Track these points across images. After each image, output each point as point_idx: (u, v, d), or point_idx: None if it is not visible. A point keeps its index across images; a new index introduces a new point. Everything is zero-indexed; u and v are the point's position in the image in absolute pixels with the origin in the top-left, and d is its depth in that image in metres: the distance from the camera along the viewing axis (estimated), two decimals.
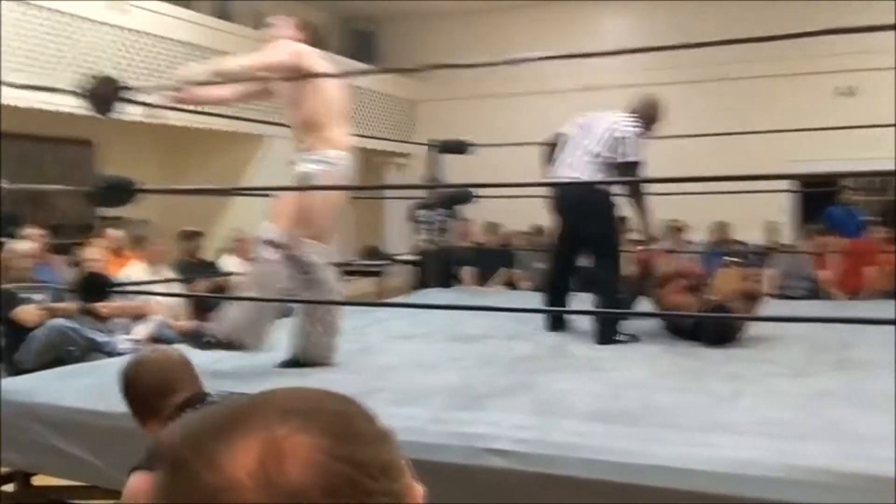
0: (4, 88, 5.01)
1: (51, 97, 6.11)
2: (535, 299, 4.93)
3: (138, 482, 1.77)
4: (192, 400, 1.97)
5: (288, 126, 3.81)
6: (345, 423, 0.63)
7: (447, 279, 7.36)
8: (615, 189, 4.51)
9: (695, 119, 8.92)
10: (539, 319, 4.70)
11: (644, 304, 4.75)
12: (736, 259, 6.81)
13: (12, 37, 6.30)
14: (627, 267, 4.82)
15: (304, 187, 3.48)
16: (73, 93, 3.37)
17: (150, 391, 2.00)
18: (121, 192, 3.01)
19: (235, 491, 0.58)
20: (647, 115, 4.49)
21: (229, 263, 6.71)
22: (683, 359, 3.82)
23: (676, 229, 7.86)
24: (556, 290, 4.67)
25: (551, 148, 4.64)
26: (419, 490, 0.67)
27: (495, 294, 6.89)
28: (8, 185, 3.21)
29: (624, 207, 4.64)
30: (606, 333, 4.20)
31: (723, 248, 7.29)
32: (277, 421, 0.61)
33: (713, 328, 4.07)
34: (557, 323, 4.61)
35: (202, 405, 1.93)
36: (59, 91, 3.83)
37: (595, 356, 3.90)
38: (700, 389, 3.13)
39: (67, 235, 7.76)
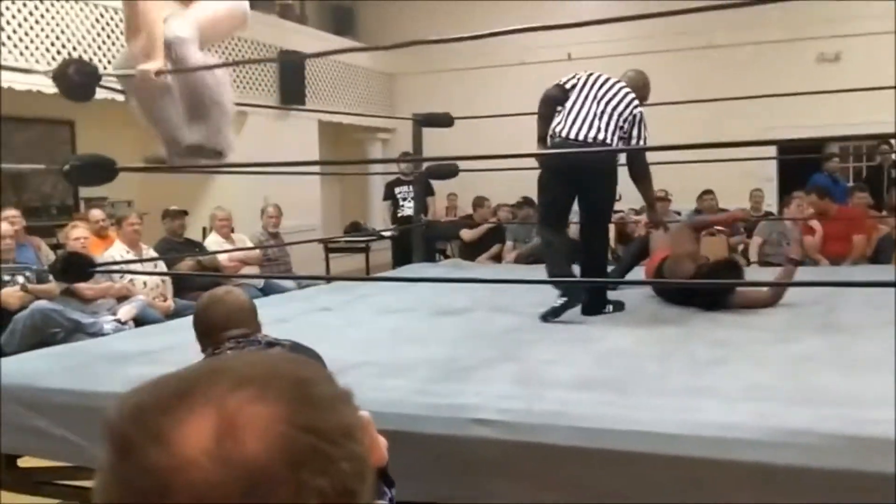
0: None
1: (27, 77, 6.04)
2: (521, 271, 4.92)
3: None
4: (239, 337, 2.23)
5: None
6: (302, 389, 0.59)
7: (431, 254, 7.35)
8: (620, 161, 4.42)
9: (677, 88, 8.90)
10: (524, 291, 4.67)
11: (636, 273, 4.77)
12: (721, 228, 6.84)
13: None
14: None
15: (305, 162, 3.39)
16: (49, 76, 3.30)
17: (210, 324, 2.31)
18: (100, 169, 2.96)
19: (190, 470, 0.53)
20: (641, 93, 4.40)
21: (212, 242, 6.67)
22: (670, 325, 3.82)
23: (663, 199, 7.85)
24: (565, 259, 4.30)
25: (552, 102, 4.31)
26: (383, 443, 0.65)
27: (481, 267, 6.87)
28: None
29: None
30: (594, 305, 4.15)
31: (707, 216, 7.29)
32: (230, 391, 0.56)
33: (707, 292, 4.10)
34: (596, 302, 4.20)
35: (246, 344, 2.20)
36: (34, 72, 3.76)
37: (581, 326, 3.90)
38: (686, 355, 3.14)
39: (49, 217, 7.69)
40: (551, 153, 4.27)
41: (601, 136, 4.11)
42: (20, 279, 4.96)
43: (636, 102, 4.25)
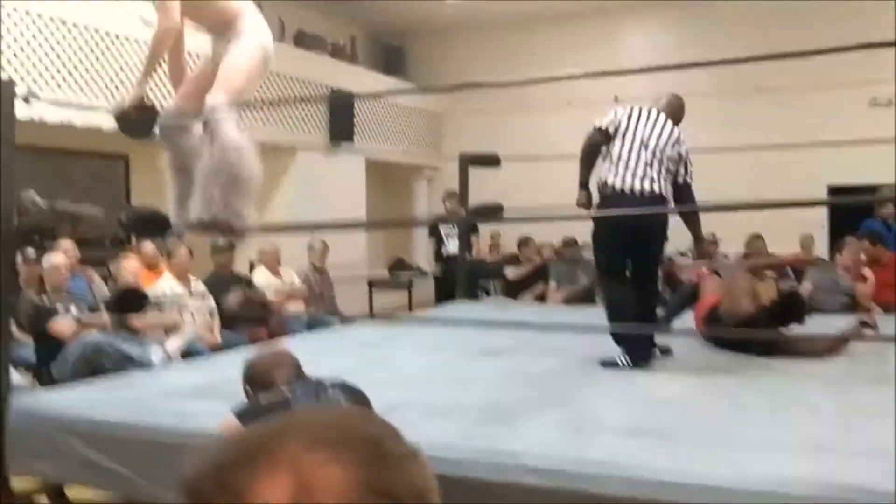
0: (37, 104, 5.07)
1: (87, 113, 6.21)
2: (567, 313, 4.88)
3: (227, 423, 2.33)
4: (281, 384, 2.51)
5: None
6: (376, 449, 0.60)
7: (474, 292, 7.34)
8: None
9: (725, 129, 8.86)
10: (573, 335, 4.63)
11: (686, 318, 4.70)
12: (772, 272, 6.72)
13: (47, 53, 6.41)
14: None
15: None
16: (109, 113, 3.40)
17: (260, 376, 2.59)
18: (155, 224, 3.04)
19: None
20: (677, 118, 4.30)
21: (260, 276, 6.75)
22: (721, 373, 3.76)
23: (710, 242, 7.76)
24: (628, 314, 4.04)
25: (595, 149, 4.16)
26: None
27: (526, 307, 6.84)
28: (42, 201, 3.21)
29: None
30: (642, 350, 4.00)
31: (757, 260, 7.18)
32: (306, 450, 0.57)
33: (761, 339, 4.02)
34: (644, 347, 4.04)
35: (295, 383, 2.49)
36: (95, 109, 3.87)
37: (629, 371, 3.85)
38: (738, 404, 3.08)
39: (103, 248, 7.87)
40: (609, 213, 4.11)
41: (656, 188, 4.03)
42: (73, 310, 5.07)
43: (681, 138, 4.19)
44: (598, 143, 4.15)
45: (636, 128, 4.09)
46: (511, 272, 7.98)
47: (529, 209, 4.85)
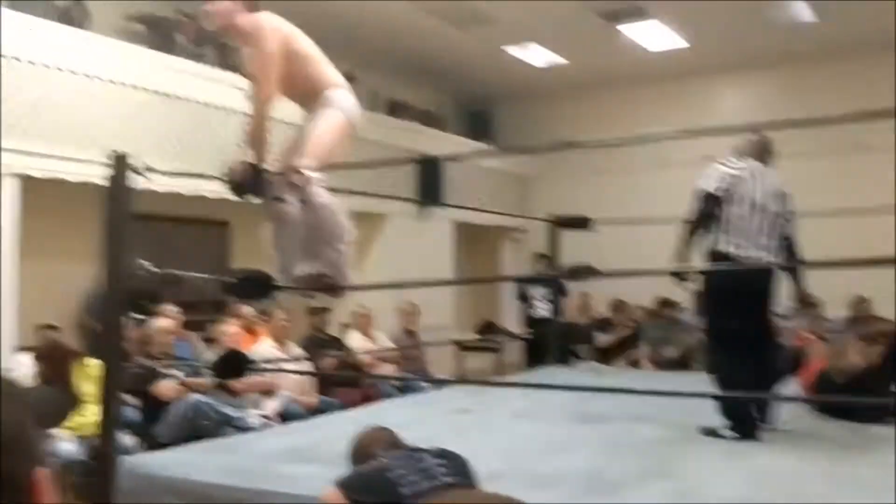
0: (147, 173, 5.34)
1: (192, 181, 6.50)
2: (663, 378, 4.77)
3: (331, 494, 2.42)
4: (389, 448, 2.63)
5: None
6: None
7: (565, 356, 7.25)
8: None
9: (825, 187, 8.60)
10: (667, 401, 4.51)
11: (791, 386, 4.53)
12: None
13: (156, 125, 6.77)
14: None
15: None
16: (218, 179, 3.57)
17: (356, 453, 2.69)
18: (260, 286, 3.15)
19: None
20: (768, 156, 4.12)
21: (354, 338, 6.85)
22: (830, 442, 3.60)
23: (812, 305, 7.47)
24: (739, 385, 3.84)
25: (708, 216, 3.91)
26: None
27: (620, 373, 6.71)
28: (152, 267, 3.37)
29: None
30: (747, 426, 3.80)
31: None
32: None
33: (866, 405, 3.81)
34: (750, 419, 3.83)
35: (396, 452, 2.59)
36: (205, 177, 4.06)
37: (732, 440, 3.71)
38: (850, 477, 2.93)
39: (201, 311, 8.15)
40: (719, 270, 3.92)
41: (772, 256, 3.88)
42: (177, 372, 5.24)
43: (790, 197, 4.04)
44: (710, 211, 3.90)
45: (747, 189, 3.88)
46: (602, 340, 7.87)
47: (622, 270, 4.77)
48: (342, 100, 3.41)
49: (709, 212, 3.88)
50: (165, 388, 5.01)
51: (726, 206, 3.87)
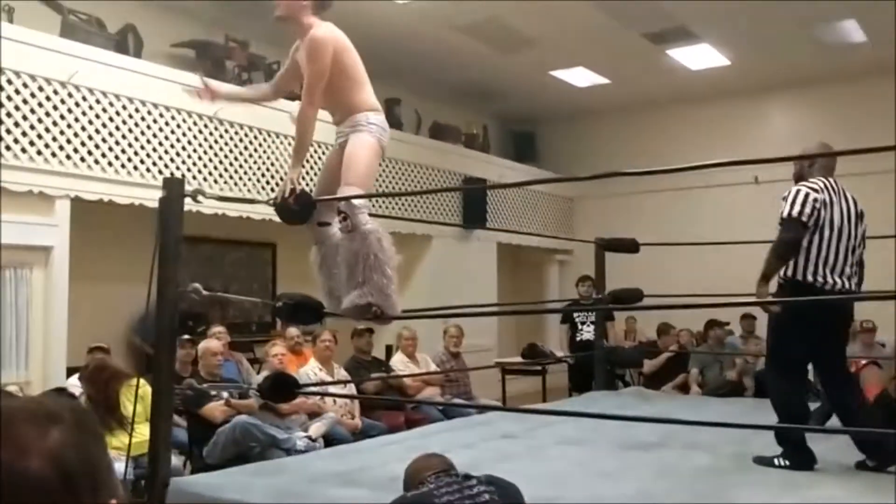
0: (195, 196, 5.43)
1: (237, 203, 6.58)
2: (715, 405, 4.67)
3: None
4: (438, 472, 2.60)
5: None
6: None
7: (612, 381, 7.16)
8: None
9: (872, 212, 8.39)
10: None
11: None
12: None
13: (206, 150, 6.89)
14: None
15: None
16: (266, 204, 3.62)
17: (407, 481, 2.68)
18: (309, 311, 3.18)
19: None
20: (833, 168, 3.96)
21: (398, 361, 6.86)
22: (882, 477, 3.47)
23: (866, 330, 7.29)
24: (802, 416, 3.77)
25: (798, 244, 3.71)
26: None
27: (668, 399, 6.60)
28: (203, 290, 3.41)
29: None
30: (804, 457, 3.67)
31: None
32: None
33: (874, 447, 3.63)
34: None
35: (444, 477, 2.56)
36: (254, 202, 4.11)
37: (784, 470, 3.62)
38: None
39: (250, 333, 8.25)
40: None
41: (853, 283, 3.74)
42: (224, 393, 5.28)
43: (864, 216, 3.90)
44: (800, 239, 3.70)
45: (831, 213, 3.74)
46: (648, 365, 7.76)
47: (670, 296, 4.70)
48: (377, 124, 3.47)
49: (800, 239, 3.70)
50: (213, 409, 5.05)
51: (810, 232, 3.72)
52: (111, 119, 6.20)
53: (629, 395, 6.50)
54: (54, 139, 5.85)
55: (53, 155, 5.83)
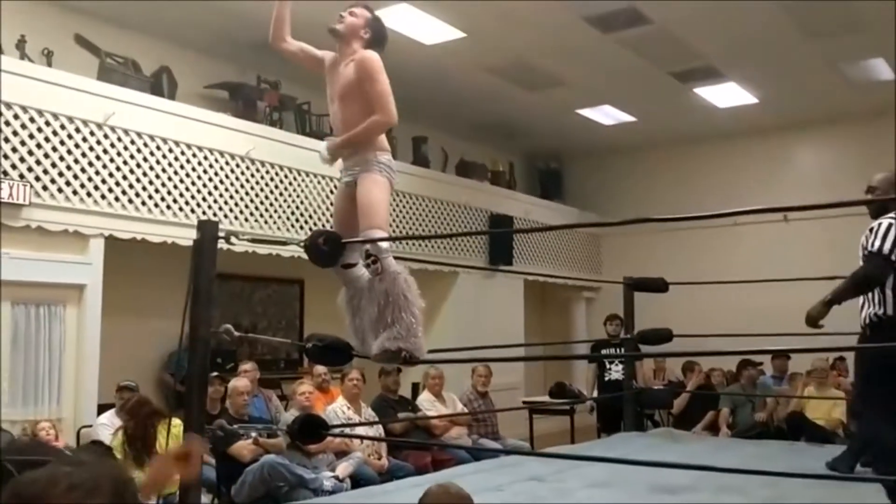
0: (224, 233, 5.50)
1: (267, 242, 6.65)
2: (748, 448, 4.60)
3: None
4: None
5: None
6: None
7: (640, 421, 7.08)
8: None
9: None
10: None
11: None
12: None
13: (237, 189, 6.98)
14: None
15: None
16: (297, 244, 3.65)
17: None
18: (338, 353, 3.20)
19: None
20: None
21: (424, 399, 6.84)
22: None
23: None
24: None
25: (884, 278, 3.58)
26: None
27: (698, 440, 6.51)
28: (234, 331, 3.43)
29: None
30: None
31: None
32: None
33: None
34: None
35: None
36: (288, 242, 4.14)
37: None
38: None
39: (277, 370, 8.29)
40: None
41: None
42: (252, 433, 5.30)
43: None
44: (885, 277, 3.57)
45: None
46: (675, 405, 7.67)
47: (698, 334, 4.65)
48: (388, 165, 3.48)
49: (884, 277, 3.57)
50: (242, 448, 5.07)
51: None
52: (145, 159, 6.33)
53: (658, 436, 6.42)
54: (90, 179, 5.97)
55: (88, 195, 5.95)
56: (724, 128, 10.73)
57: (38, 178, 5.67)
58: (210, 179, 6.79)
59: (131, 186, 6.22)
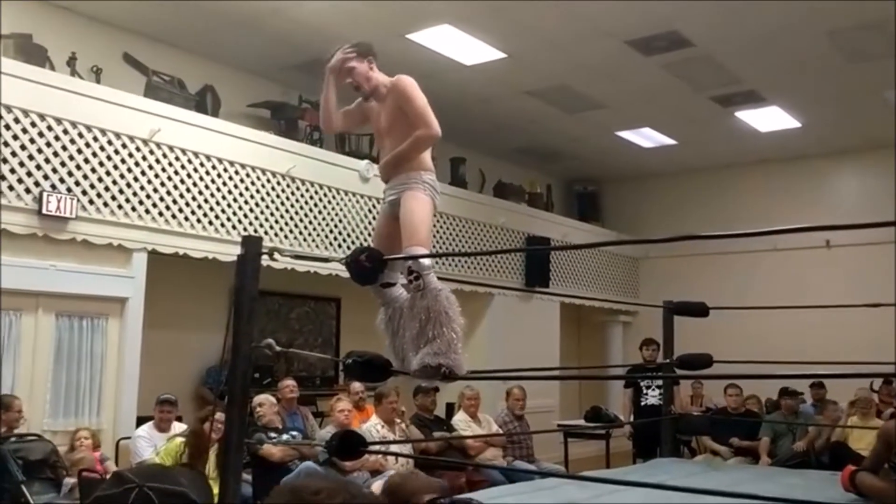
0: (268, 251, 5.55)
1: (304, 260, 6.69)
2: (792, 479, 4.50)
3: None
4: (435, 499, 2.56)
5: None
6: None
7: (677, 447, 6.96)
8: None
9: None
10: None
11: None
12: None
13: (278, 207, 7.06)
14: None
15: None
16: (341, 263, 3.66)
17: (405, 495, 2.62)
18: (376, 369, 3.19)
19: None
20: None
21: (460, 420, 6.81)
22: None
23: None
24: None
25: None
26: None
27: (737, 469, 6.39)
28: (276, 346, 3.45)
29: None
30: None
31: None
32: None
33: None
34: None
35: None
36: (330, 259, 4.16)
37: None
38: None
39: (313, 386, 8.32)
40: None
41: None
42: (284, 436, 5.35)
43: None
44: None
45: None
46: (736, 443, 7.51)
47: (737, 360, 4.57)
48: (431, 184, 3.49)
49: None
50: (271, 448, 5.10)
51: None
52: (189, 175, 6.43)
53: (696, 464, 6.32)
54: (134, 194, 6.07)
55: (133, 209, 6.05)
56: (765, 152, 10.63)
57: (84, 192, 5.78)
58: (251, 196, 6.86)
59: (174, 202, 6.32)
